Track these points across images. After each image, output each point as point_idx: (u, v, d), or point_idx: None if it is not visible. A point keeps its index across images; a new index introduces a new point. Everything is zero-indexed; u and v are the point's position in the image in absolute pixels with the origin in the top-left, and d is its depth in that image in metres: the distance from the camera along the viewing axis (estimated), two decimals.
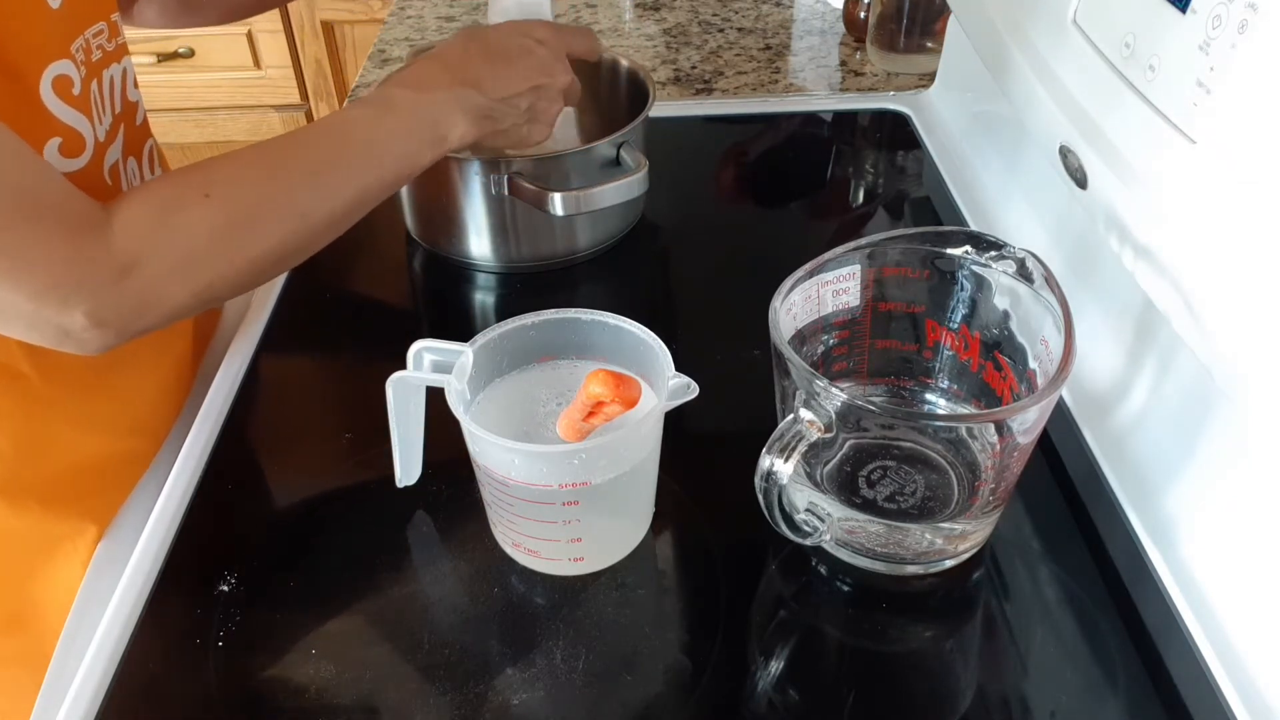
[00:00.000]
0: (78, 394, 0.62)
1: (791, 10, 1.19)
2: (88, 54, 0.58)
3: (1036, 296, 0.51)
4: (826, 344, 0.57)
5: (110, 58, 0.60)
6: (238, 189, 0.55)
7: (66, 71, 0.55)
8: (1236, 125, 0.43)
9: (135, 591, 0.54)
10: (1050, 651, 0.51)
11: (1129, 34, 0.50)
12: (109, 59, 0.60)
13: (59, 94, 0.55)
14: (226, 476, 0.61)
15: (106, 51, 0.60)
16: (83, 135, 0.57)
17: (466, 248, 0.76)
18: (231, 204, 0.54)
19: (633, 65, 0.82)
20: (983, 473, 0.54)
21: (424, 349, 0.52)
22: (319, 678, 0.50)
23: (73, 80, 0.56)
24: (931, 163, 0.88)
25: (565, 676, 0.50)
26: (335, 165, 0.58)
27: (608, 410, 0.49)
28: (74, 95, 0.56)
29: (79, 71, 0.56)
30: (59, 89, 0.55)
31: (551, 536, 0.52)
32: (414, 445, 0.56)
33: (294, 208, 0.56)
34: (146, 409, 0.67)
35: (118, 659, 0.51)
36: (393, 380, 0.52)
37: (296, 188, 0.56)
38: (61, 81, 0.55)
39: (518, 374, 0.56)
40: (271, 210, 0.55)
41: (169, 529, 0.58)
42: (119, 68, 0.62)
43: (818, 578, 0.55)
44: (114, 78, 0.61)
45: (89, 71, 0.58)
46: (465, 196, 0.73)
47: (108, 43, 0.60)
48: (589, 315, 0.54)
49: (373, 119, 0.59)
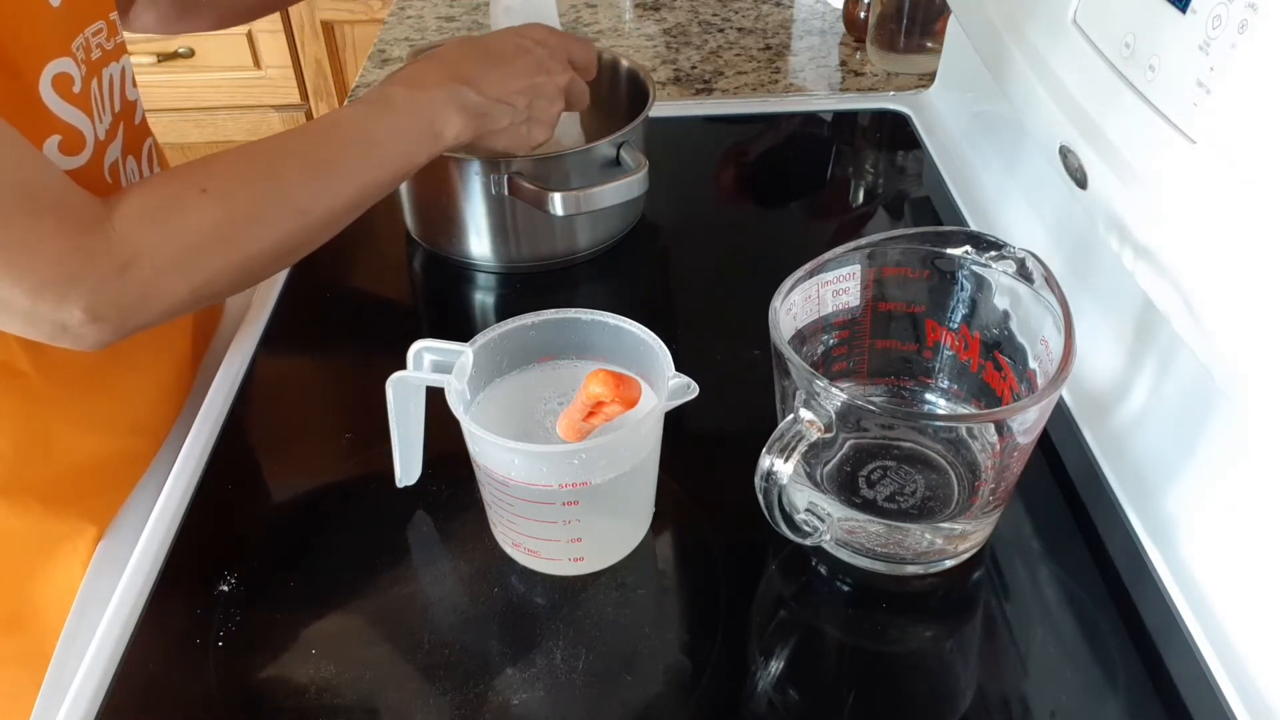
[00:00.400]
0: (78, 393, 0.62)
1: (791, 10, 1.19)
2: (88, 52, 0.58)
3: (1036, 296, 0.51)
4: (826, 344, 0.57)
5: (109, 56, 0.61)
6: (236, 186, 0.55)
7: (67, 69, 0.55)
8: (1236, 125, 0.43)
9: (135, 591, 0.54)
10: (1050, 651, 0.51)
11: (1129, 34, 0.50)
12: (108, 58, 0.60)
13: (59, 92, 0.55)
14: (226, 476, 0.61)
15: (106, 50, 0.60)
16: (83, 133, 0.57)
17: (466, 248, 0.76)
18: (230, 201, 0.54)
19: (633, 65, 0.82)
20: (983, 473, 0.54)
21: (424, 349, 0.52)
22: (319, 678, 0.50)
23: (73, 78, 0.56)
24: (931, 163, 0.88)
25: (565, 676, 0.50)
26: (333, 163, 0.58)
27: (608, 410, 0.49)
28: (74, 93, 0.56)
29: (79, 70, 0.56)
30: (59, 87, 0.55)
31: (551, 536, 0.52)
32: (414, 445, 0.56)
33: (293, 205, 0.56)
34: (146, 408, 0.67)
35: (118, 659, 0.51)
36: (393, 380, 0.52)
37: (295, 185, 0.56)
38: (62, 79, 0.55)
39: (518, 374, 0.56)
40: (270, 207, 0.55)
41: (169, 529, 0.58)
42: (118, 66, 0.62)
43: (818, 578, 0.55)
44: (113, 76, 0.61)
45: (89, 70, 0.58)
46: (465, 197, 0.73)
47: (107, 41, 0.60)
48: (589, 315, 0.54)
49: (369, 117, 0.59)
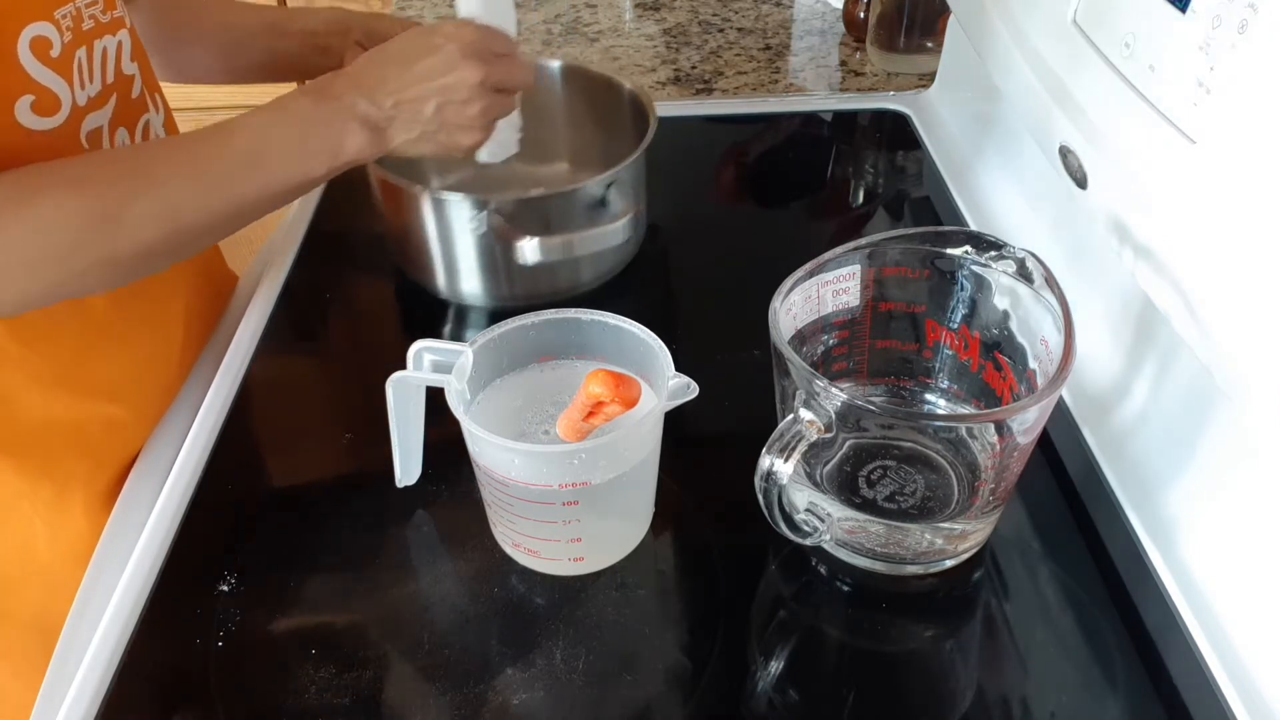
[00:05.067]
0: (44, 353, 0.63)
1: (791, 10, 1.19)
2: (77, 21, 0.59)
3: (1036, 296, 0.51)
4: (826, 344, 0.57)
5: (104, 29, 0.61)
6: (103, 184, 0.53)
7: (45, 34, 0.56)
8: (1236, 125, 0.43)
9: (135, 591, 0.54)
10: (1050, 651, 0.51)
11: (1129, 34, 0.50)
12: (103, 29, 0.61)
13: (36, 54, 0.55)
14: (226, 476, 0.61)
15: (101, 23, 0.61)
16: (59, 97, 0.57)
17: (457, 288, 0.72)
18: (92, 198, 0.53)
19: (635, 89, 0.77)
20: (983, 473, 0.54)
21: (424, 349, 0.52)
22: (319, 678, 0.50)
23: (52, 42, 0.56)
24: (931, 163, 0.88)
25: (565, 676, 0.50)
26: (215, 171, 0.56)
27: (607, 410, 0.49)
28: (52, 58, 0.56)
29: (62, 36, 0.57)
30: (36, 49, 0.55)
31: (551, 536, 0.52)
32: (414, 445, 0.56)
33: (162, 208, 0.54)
34: (125, 379, 0.67)
35: (118, 659, 0.52)
36: (393, 380, 0.52)
37: (168, 188, 0.55)
38: (39, 42, 0.55)
39: (517, 374, 0.56)
40: (135, 208, 0.54)
41: (169, 529, 0.58)
42: (113, 40, 0.62)
43: (818, 578, 0.55)
44: (108, 49, 0.62)
45: (76, 38, 0.58)
46: (450, 235, 0.69)
47: (102, 14, 0.61)
48: (589, 315, 0.54)
49: (261, 127, 0.58)
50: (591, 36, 1.14)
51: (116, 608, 0.54)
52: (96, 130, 0.61)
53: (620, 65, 1.08)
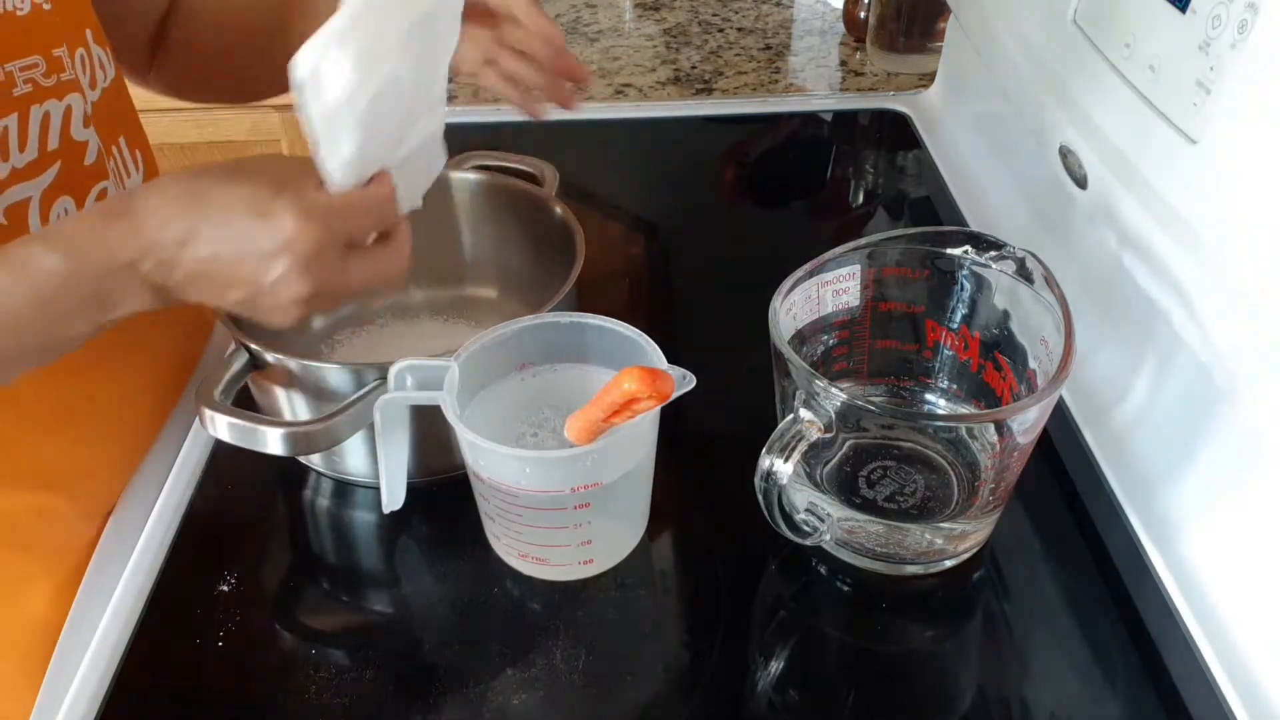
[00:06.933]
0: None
1: (791, 10, 1.19)
2: (5, 86, 0.54)
3: (1036, 296, 0.51)
4: (826, 344, 0.57)
5: (46, 93, 0.56)
6: None
7: None
8: (1236, 125, 0.43)
9: (135, 591, 0.55)
10: (1050, 651, 0.51)
11: (1129, 34, 0.51)
12: (43, 94, 0.56)
13: None
14: (226, 476, 0.61)
15: (41, 86, 0.56)
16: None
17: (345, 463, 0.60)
18: None
19: (565, 214, 0.63)
20: (983, 473, 0.54)
21: (405, 369, 0.50)
22: (319, 678, 0.50)
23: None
24: (931, 163, 0.88)
25: (565, 677, 0.50)
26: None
27: (637, 407, 0.48)
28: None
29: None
30: None
31: (562, 542, 0.52)
32: (399, 469, 0.54)
33: None
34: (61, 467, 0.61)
35: (118, 659, 0.52)
36: (380, 403, 0.50)
37: None
38: None
39: (499, 384, 0.55)
40: None
41: (169, 528, 0.58)
42: (59, 105, 0.57)
43: (818, 578, 0.55)
44: (50, 114, 0.57)
45: (3, 104, 0.53)
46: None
47: (43, 78, 0.56)
48: (568, 318, 0.54)
49: (11, 284, 0.45)
50: (591, 37, 1.14)
51: (116, 607, 0.54)
52: (22, 202, 0.55)
53: (620, 65, 1.08)
